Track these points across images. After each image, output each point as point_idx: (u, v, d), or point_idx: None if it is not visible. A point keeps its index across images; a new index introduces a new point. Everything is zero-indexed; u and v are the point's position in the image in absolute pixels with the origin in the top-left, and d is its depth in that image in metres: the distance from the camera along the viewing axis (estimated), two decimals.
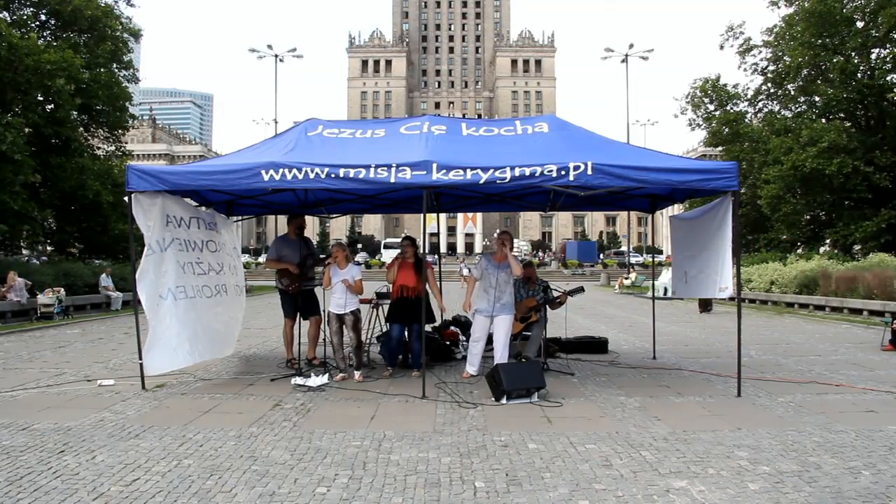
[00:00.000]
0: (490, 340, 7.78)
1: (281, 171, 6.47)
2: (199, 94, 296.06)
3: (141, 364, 7.39)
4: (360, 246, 74.60)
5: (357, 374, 7.77)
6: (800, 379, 8.11)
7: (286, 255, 8.51)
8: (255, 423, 5.99)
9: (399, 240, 9.41)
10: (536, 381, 6.69)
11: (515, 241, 73.59)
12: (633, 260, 56.87)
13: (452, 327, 10.03)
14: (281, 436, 5.59)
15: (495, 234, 7.60)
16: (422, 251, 7.75)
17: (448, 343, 9.49)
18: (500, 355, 7.47)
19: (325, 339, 8.43)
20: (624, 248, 78.80)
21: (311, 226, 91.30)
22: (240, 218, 9.10)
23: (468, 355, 7.86)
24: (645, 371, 8.56)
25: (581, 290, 8.56)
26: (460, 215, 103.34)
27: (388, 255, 56.12)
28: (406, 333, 8.07)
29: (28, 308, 16.85)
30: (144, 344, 7.34)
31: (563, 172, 6.37)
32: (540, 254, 77.32)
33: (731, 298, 7.06)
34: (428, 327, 8.82)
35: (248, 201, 8.74)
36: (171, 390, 7.48)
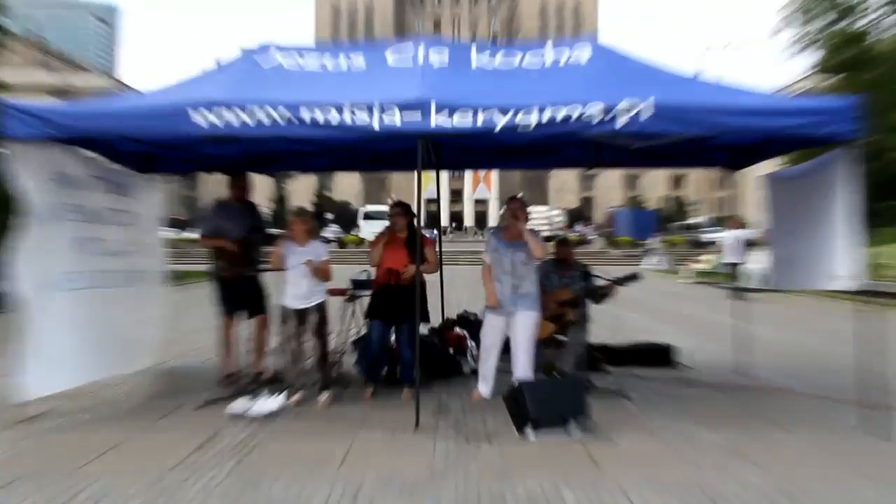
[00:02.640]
0: (508, 348, 7.76)
1: (221, 112, 6.56)
2: (105, 5, 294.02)
3: (19, 384, 7.14)
4: (329, 217, 74.17)
5: (323, 395, 7.82)
6: None
7: (226, 228, 8.53)
8: (176, 468, 6.04)
9: (385, 208, 9.15)
10: (576, 407, 6.80)
11: (545, 209, 75.65)
12: (709, 236, 56.18)
13: (458, 328, 10.02)
14: (212, 486, 5.64)
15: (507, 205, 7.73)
16: (418, 223, 7.66)
17: (452, 351, 9.52)
18: (522, 368, 7.46)
19: (278, 346, 8.31)
20: (696, 220, 77.91)
21: (262, 189, 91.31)
22: (164, 178, 9.27)
23: (479, 369, 7.93)
24: (731, 393, 8.68)
25: (636, 277, 8.51)
26: (468, 174, 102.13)
27: (368, 229, 56.22)
28: (393, 337, 8.14)
29: None
30: (23, 355, 7.13)
31: (609, 116, 6.46)
32: (578, 227, 75.35)
33: (855, 292, 6.95)
34: (424, 328, 8.95)
35: (175, 154, 8.80)
36: (56, 422, 7.42)
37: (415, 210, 7.74)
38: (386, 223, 8.09)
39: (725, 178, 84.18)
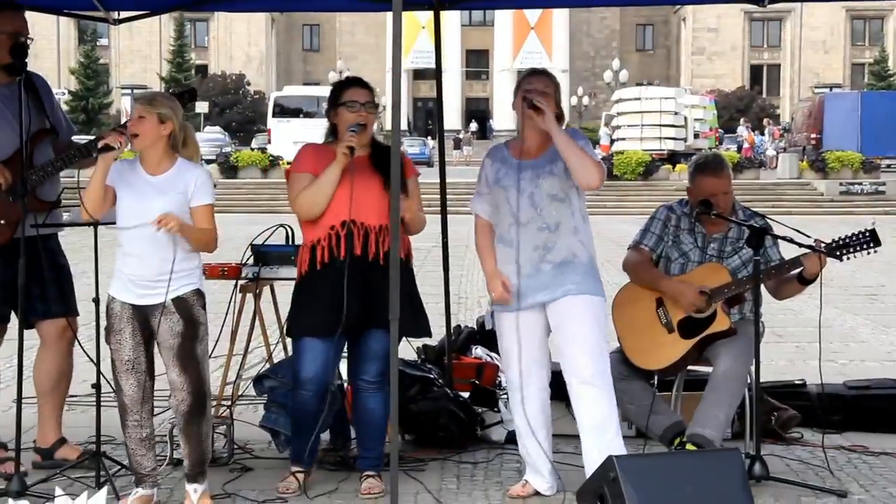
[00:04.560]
0: (560, 380, 6.80)
1: None
2: None
3: None
4: (202, 110, 67.46)
5: (196, 490, 6.57)
6: None
7: None
8: None
9: (319, 91, 7.52)
10: None
11: (670, 95, 64.00)
12: None
13: (477, 348, 9.24)
14: None
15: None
16: (393, 124, 6.26)
17: (468, 396, 8.57)
18: (596, 411, 6.54)
19: (94, 388, 7.08)
20: None
21: (48, 46, 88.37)
22: None
23: (517, 434, 6.92)
24: None
25: (869, 239, 7.21)
26: (504, 18, 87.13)
27: (286, 137, 51.42)
28: (344, 368, 7.27)
29: None
30: None
31: None
32: (741, 132, 63.96)
33: None
34: (409, 349, 8.48)
35: None
36: None
37: (386, 98, 7.89)
38: (323, 126, 7.15)
39: None
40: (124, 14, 9.26)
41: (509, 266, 6.73)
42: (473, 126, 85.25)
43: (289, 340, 7.51)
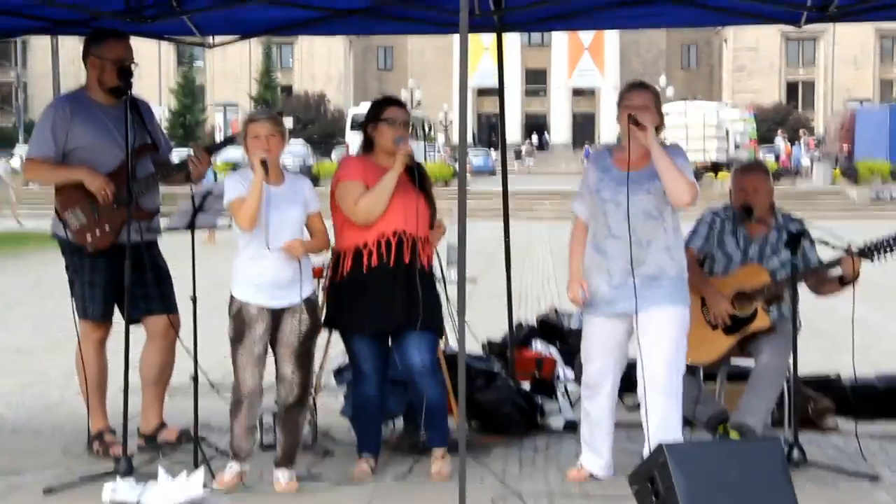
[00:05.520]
0: (631, 379, 6.77)
1: None
2: None
3: None
4: (294, 122, 65.67)
5: (283, 476, 6.61)
6: None
7: (83, 144, 7.20)
8: None
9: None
10: (774, 499, 5.83)
11: (713, 108, 63.64)
12: None
13: (538, 344, 9.19)
14: None
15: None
16: (460, 136, 6.30)
17: (528, 387, 8.61)
18: (663, 417, 6.47)
19: (193, 380, 7.11)
20: None
21: (149, 68, 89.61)
22: None
23: (583, 421, 6.91)
24: None
25: None
26: (560, 40, 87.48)
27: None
28: (403, 362, 7.03)
29: None
30: None
31: None
32: (778, 142, 62.68)
33: None
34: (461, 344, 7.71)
35: None
36: None
37: (453, 113, 7.01)
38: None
39: None
40: (218, 39, 9.43)
41: (601, 274, 6.67)
42: (535, 139, 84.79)
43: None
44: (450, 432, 7.12)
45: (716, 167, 47.42)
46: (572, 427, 7.89)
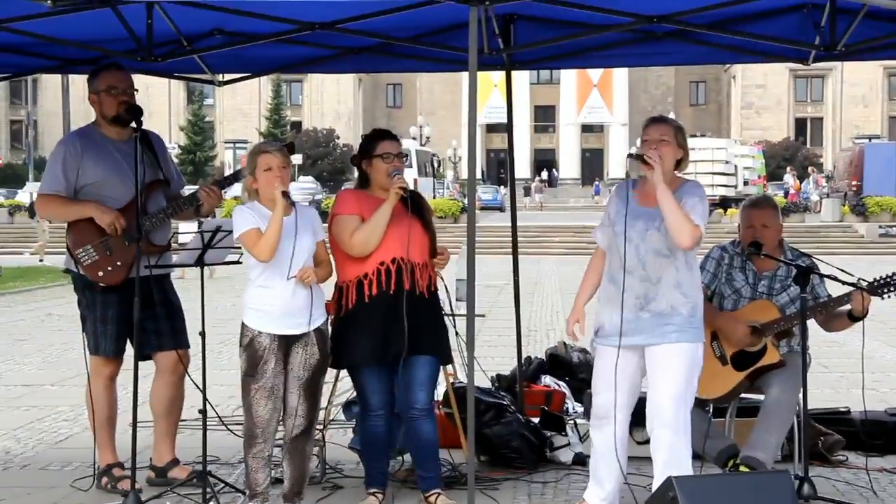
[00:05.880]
0: (640, 413, 6.67)
1: None
2: None
3: None
4: (303, 158, 66.09)
5: None
6: None
7: (95, 180, 7.14)
8: None
9: (407, 144, 7.29)
10: None
11: (722, 145, 62.63)
12: None
13: (548, 378, 9.19)
14: None
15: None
16: (469, 173, 6.73)
17: (538, 420, 8.44)
18: (671, 452, 6.34)
19: (201, 413, 7.01)
20: None
21: (164, 103, 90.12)
22: None
23: (591, 452, 6.73)
24: None
25: None
26: (569, 77, 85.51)
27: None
28: (400, 397, 7.08)
29: None
30: None
31: None
32: (788, 179, 62.23)
33: None
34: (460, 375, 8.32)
35: None
36: None
37: (462, 149, 7.24)
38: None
39: None
40: (228, 76, 9.47)
41: (613, 306, 6.55)
42: (545, 175, 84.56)
43: None
44: (455, 467, 7.31)
45: (724, 203, 47.28)
46: (581, 461, 7.87)
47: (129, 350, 7.51)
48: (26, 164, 70.53)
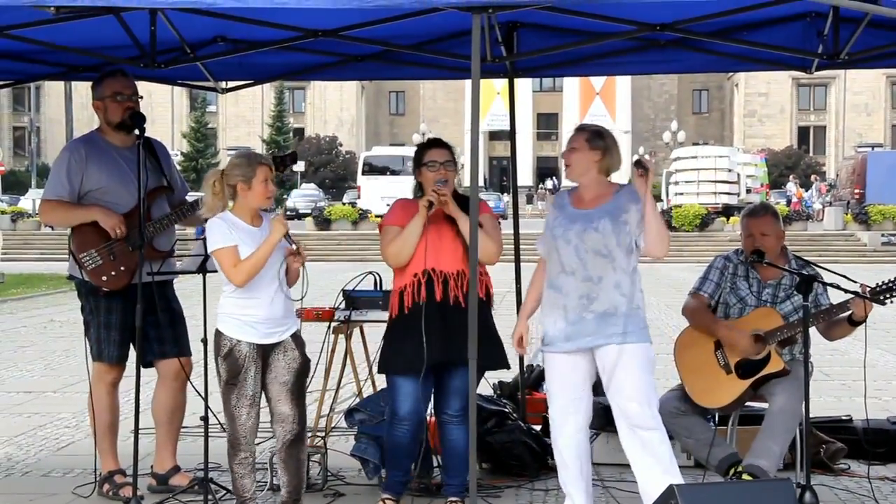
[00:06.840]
0: (605, 418, 7.11)
1: None
2: None
3: None
4: (295, 168, 62.08)
5: None
6: None
7: (99, 186, 7.14)
8: None
9: (404, 151, 7.36)
10: None
11: (724, 153, 61.62)
12: None
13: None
14: None
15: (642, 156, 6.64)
16: (472, 180, 6.22)
17: (548, 427, 7.93)
18: (646, 450, 6.39)
19: (202, 420, 6.95)
20: None
21: (161, 112, 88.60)
22: None
23: (558, 469, 6.78)
24: None
25: None
26: (572, 85, 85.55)
27: (375, 193, 50.21)
28: (434, 401, 7.09)
29: None
30: None
31: None
32: (790, 187, 61.58)
33: None
34: (486, 383, 8.35)
35: None
36: None
37: (465, 157, 7.46)
38: (408, 183, 7.28)
39: None
40: (231, 83, 9.42)
41: (557, 310, 6.54)
42: (549, 183, 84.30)
43: (378, 377, 7.57)
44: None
45: (727, 211, 47.28)
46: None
47: (131, 357, 7.47)
48: (29, 171, 70.54)
